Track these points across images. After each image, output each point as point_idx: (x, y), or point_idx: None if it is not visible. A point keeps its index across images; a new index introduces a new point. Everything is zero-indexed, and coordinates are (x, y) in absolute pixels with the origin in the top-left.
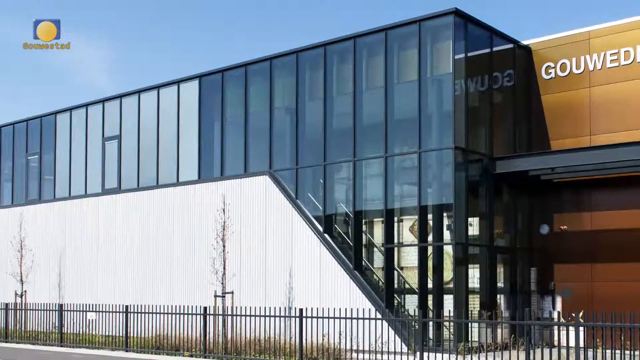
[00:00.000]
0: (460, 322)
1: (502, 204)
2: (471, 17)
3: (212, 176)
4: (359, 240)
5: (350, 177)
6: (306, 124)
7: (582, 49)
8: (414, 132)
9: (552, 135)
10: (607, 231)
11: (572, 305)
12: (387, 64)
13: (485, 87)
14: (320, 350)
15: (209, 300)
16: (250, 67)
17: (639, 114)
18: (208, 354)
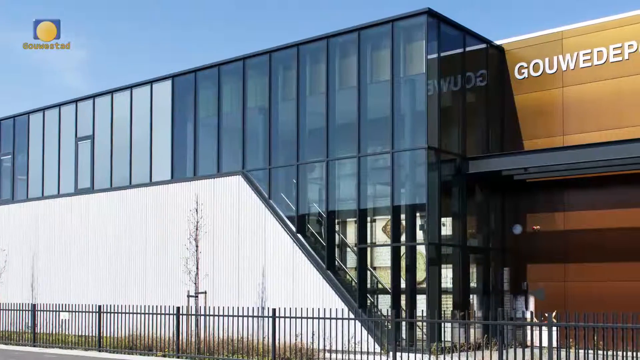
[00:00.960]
0: (433, 322)
1: (475, 204)
2: (444, 17)
3: (185, 176)
4: (332, 240)
5: (323, 177)
6: (279, 124)
7: (555, 49)
8: (387, 132)
9: (525, 135)
10: (580, 231)
11: (545, 306)
12: (360, 64)
13: (458, 87)
14: (293, 350)
15: (182, 300)
16: (223, 67)
17: (612, 114)
18: (181, 354)
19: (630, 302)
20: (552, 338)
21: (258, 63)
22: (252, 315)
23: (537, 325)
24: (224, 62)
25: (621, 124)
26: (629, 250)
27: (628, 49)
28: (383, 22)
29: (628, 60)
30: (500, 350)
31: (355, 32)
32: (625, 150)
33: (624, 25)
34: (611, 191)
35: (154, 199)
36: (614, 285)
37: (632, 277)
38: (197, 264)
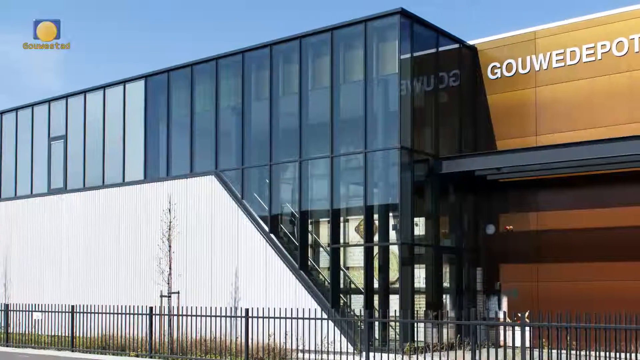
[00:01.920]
0: (406, 322)
1: (448, 204)
2: (417, 17)
3: (158, 176)
4: (304, 240)
5: (296, 177)
6: (252, 124)
7: (528, 49)
8: (360, 132)
9: (498, 135)
10: (552, 231)
11: (518, 305)
12: (333, 64)
13: (431, 87)
14: (266, 350)
15: (155, 300)
16: (196, 67)
17: (585, 114)
18: (154, 354)
19: (602, 302)
20: (525, 338)
21: (231, 63)
22: (225, 315)
23: (510, 325)
24: (197, 62)
25: (594, 124)
26: (601, 250)
27: (601, 49)
28: (356, 22)
29: (601, 60)
30: (473, 350)
31: (328, 32)
32: (598, 150)
33: (597, 26)
34: (584, 191)
35: (127, 199)
36: (586, 285)
37: (604, 277)
38: (170, 264)
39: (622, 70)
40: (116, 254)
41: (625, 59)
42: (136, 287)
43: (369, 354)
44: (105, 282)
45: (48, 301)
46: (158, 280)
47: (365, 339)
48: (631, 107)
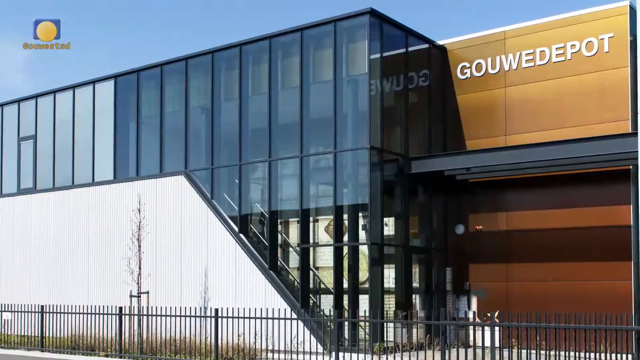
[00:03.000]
0: (376, 322)
1: (417, 204)
2: (386, 17)
3: (128, 176)
4: (274, 240)
5: (266, 177)
6: (222, 124)
7: (498, 49)
8: (329, 132)
9: (468, 135)
10: (522, 231)
11: (488, 305)
12: (302, 64)
13: (400, 87)
14: (235, 350)
15: (125, 300)
16: (165, 67)
17: (554, 114)
18: (124, 354)
19: (572, 302)
20: (495, 338)
21: (201, 63)
22: (195, 315)
23: (480, 325)
24: (167, 62)
25: (563, 124)
26: (570, 250)
27: (570, 49)
28: (325, 22)
29: (570, 60)
30: (443, 350)
31: (298, 32)
32: (567, 150)
33: (567, 25)
34: (553, 191)
35: (96, 199)
36: (555, 285)
37: (573, 277)
38: (140, 264)
39: (592, 71)
40: (86, 254)
41: (595, 59)
42: (106, 287)
43: (338, 354)
44: (76, 282)
45: (18, 301)
46: (128, 281)
47: (334, 339)
48: (601, 107)
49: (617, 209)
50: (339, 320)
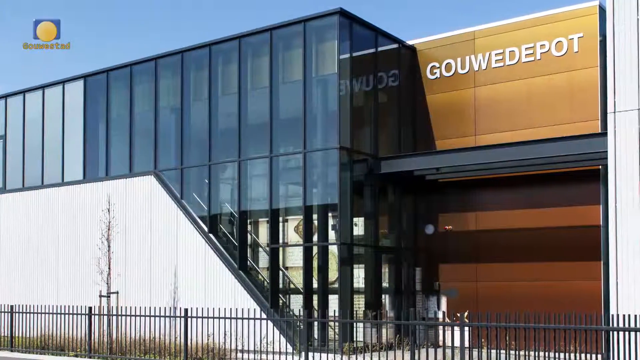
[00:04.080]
0: (345, 322)
1: (387, 204)
2: (356, 17)
3: (97, 176)
4: (244, 240)
5: (236, 177)
6: (191, 124)
7: (467, 49)
8: (299, 132)
9: (438, 135)
10: (491, 231)
11: (458, 305)
12: (272, 64)
13: (370, 87)
14: (205, 350)
15: (94, 300)
16: (135, 67)
17: (524, 114)
18: (93, 354)
19: (542, 302)
20: (464, 338)
21: (170, 63)
22: (164, 315)
23: (449, 325)
24: (136, 62)
25: (533, 124)
26: (540, 250)
27: (540, 49)
28: (295, 22)
29: (540, 60)
30: (412, 350)
31: (268, 32)
32: (536, 150)
33: (536, 25)
34: (523, 191)
35: (66, 199)
36: (525, 285)
37: (543, 277)
38: (110, 264)
39: (562, 71)
40: (56, 254)
41: (565, 59)
42: (76, 287)
43: (308, 354)
44: (46, 282)
45: None
46: (97, 280)
47: (304, 339)
48: (571, 107)
49: (587, 209)
50: (308, 320)
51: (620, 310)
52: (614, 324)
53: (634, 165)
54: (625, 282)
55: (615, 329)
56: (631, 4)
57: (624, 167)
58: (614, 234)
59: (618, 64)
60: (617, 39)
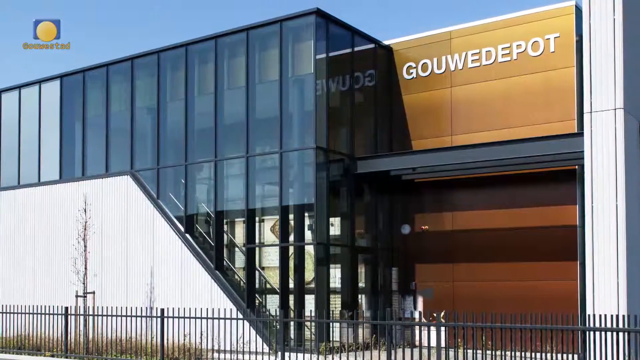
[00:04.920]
0: (322, 322)
1: (363, 204)
2: (333, 17)
3: (74, 176)
4: (220, 240)
5: (212, 177)
6: (168, 124)
7: (444, 49)
8: (275, 132)
9: (414, 135)
10: (467, 231)
11: (434, 305)
12: (248, 64)
13: (346, 87)
14: (181, 350)
15: (71, 300)
16: (111, 67)
17: (500, 114)
18: (69, 354)
19: (518, 302)
20: (441, 338)
21: (146, 63)
22: (141, 315)
23: (426, 325)
24: (112, 62)
25: (509, 124)
26: (516, 250)
27: (516, 49)
28: (271, 22)
29: (516, 60)
30: (389, 350)
31: (244, 32)
32: (512, 150)
33: (513, 26)
34: (499, 191)
35: (42, 199)
36: (501, 285)
37: (520, 277)
38: (86, 263)
39: (538, 70)
40: (32, 253)
41: (541, 59)
42: (53, 287)
43: (284, 354)
44: (23, 282)
45: None
46: (74, 280)
47: (280, 339)
48: (547, 107)
49: (563, 209)
50: (284, 320)
51: (596, 310)
52: (590, 324)
53: (610, 165)
54: (601, 283)
55: (591, 329)
56: (607, 4)
57: (600, 167)
58: (590, 234)
59: (594, 64)
60: (593, 39)
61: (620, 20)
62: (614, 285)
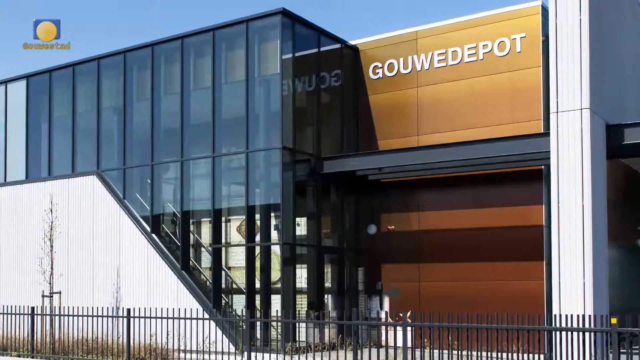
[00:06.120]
0: (288, 322)
1: (330, 204)
2: (299, 17)
3: (40, 176)
4: (186, 240)
5: (178, 177)
6: (134, 124)
7: (410, 49)
8: (241, 132)
9: (380, 136)
10: (434, 231)
11: (400, 305)
12: (214, 64)
13: (313, 87)
14: (148, 350)
15: (37, 300)
16: (78, 67)
17: (467, 114)
18: (36, 354)
19: (485, 302)
20: (407, 338)
21: (113, 63)
22: (107, 315)
23: (392, 325)
24: (79, 62)
25: (476, 124)
26: (483, 250)
27: (482, 49)
28: (238, 22)
29: (483, 60)
30: (355, 350)
31: (210, 32)
32: (478, 150)
33: (479, 25)
34: (466, 191)
35: (8, 199)
36: (467, 285)
37: (486, 277)
38: (52, 263)
39: (504, 71)
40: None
41: (507, 59)
42: (18, 287)
43: (250, 354)
44: None
45: None
46: (40, 280)
47: (247, 339)
48: (513, 107)
49: (529, 209)
50: (251, 320)
51: (562, 310)
52: (556, 324)
53: (577, 165)
54: (567, 282)
55: (557, 328)
56: (573, 4)
57: (566, 166)
58: (556, 234)
59: (560, 64)
60: (559, 39)
61: (587, 19)
62: (580, 285)
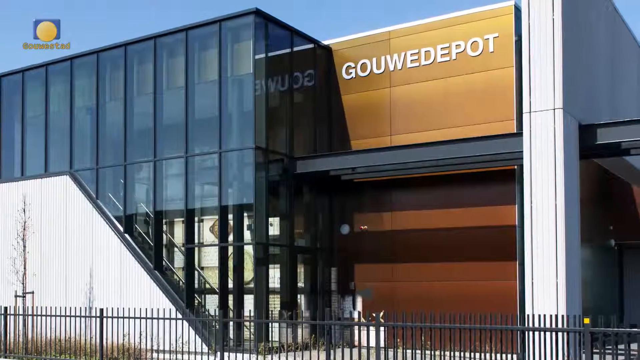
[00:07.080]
0: (261, 322)
1: (303, 204)
2: (272, 17)
3: (13, 176)
4: (159, 240)
5: (151, 177)
6: (107, 124)
7: (383, 49)
8: (214, 132)
9: (353, 136)
10: (407, 231)
11: (374, 305)
12: (187, 64)
13: (286, 87)
14: (121, 350)
15: (10, 300)
16: (51, 67)
17: (440, 114)
18: (8, 354)
19: (458, 302)
20: (380, 338)
21: (85, 63)
22: (80, 315)
23: (365, 325)
24: (52, 62)
25: (449, 124)
26: (456, 250)
27: (455, 49)
28: (211, 22)
29: (455, 60)
30: (328, 350)
31: (183, 32)
32: (451, 150)
33: (452, 26)
34: (439, 191)
35: None
36: (440, 285)
37: (460, 277)
38: (25, 263)
39: (477, 71)
40: None
41: (480, 59)
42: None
43: (223, 354)
44: None
45: None
46: (13, 280)
47: (219, 339)
48: (486, 107)
49: (502, 209)
50: (224, 320)
51: (535, 310)
52: (528, 324)
53: (550, 165)
54: (540, 282)
55: (530, 329)
56: (546, 5)
57: (539, 167)
58: (529, 234)
59: (533, 64)
60: (532, 39)
61: (560, 20)
62: (553, 285)
